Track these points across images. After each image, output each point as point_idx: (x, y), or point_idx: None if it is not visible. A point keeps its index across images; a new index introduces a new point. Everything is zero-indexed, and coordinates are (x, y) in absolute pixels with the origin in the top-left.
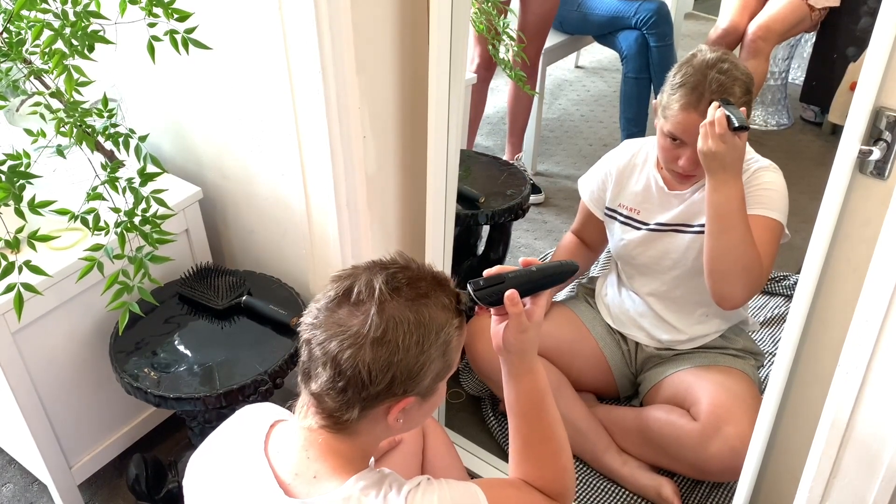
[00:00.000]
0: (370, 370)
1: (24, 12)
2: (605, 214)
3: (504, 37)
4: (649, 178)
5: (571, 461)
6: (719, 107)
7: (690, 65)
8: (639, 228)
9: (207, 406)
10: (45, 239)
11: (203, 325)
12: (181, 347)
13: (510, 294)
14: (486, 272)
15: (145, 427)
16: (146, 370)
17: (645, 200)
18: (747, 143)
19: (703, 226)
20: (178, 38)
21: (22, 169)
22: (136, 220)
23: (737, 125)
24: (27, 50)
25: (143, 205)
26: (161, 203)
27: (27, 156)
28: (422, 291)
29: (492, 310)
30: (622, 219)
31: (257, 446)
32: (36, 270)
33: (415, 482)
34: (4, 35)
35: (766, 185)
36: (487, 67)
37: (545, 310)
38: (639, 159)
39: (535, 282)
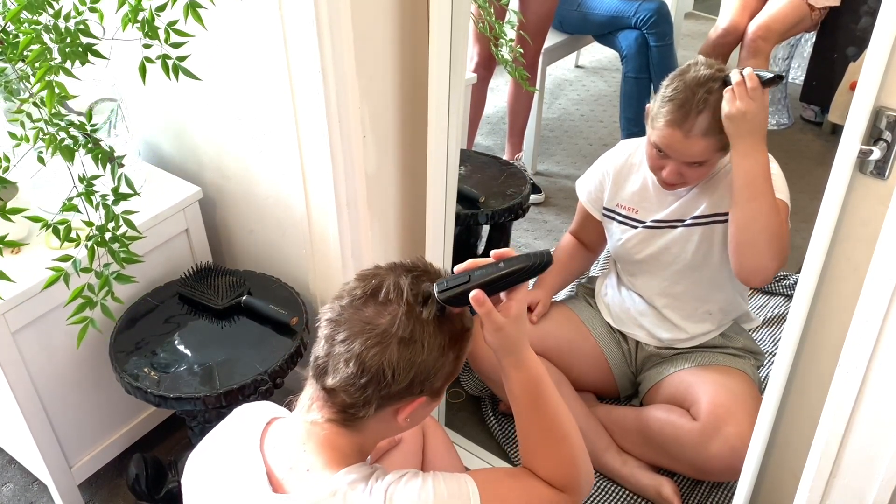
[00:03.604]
0: (394, 369)
1: (25, 14)
2: (604, 215)
3: (503, 38)
4: (646, 178)
5: (581, 451)
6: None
7: (682, 79)
8: (636, 227)
9: (207, 406)
10: (13, 245)
11: (203, 324)
12: (181, 347)
13: (475, 295)
14: (457, 268)
15: (145, 427)
16: (146, 370)
17: (643, 199)
18: None
19: (695, 218)
20: (170, 63)
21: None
22: (107, 235)
23: (769, 76)
24: (22, 55)
25: (114, 223)
26: (130, 225)
27: (7, 160)
28: None
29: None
30: (620, 218)
31: (253, 443)
32: (1, 276)
33: (398, 474)
34: (1, 35)
35: None
36: (486, 67)
37: (524, 302)
38: (635, 159)
39: (504, 278)
